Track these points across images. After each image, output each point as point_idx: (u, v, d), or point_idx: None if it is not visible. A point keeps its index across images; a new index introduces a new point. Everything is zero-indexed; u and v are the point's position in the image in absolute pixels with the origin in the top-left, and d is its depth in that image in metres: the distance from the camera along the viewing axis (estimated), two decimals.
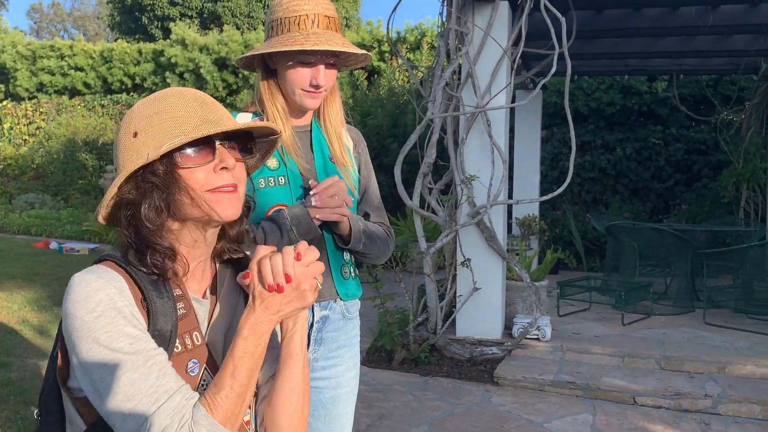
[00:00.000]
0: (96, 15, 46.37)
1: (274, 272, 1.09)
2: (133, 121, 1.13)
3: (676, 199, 9.38)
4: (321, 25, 1.65)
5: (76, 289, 1.05)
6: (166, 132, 1.10)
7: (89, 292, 1.04)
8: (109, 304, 1.04)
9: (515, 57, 4.88)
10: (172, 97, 1.14)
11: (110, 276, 1.07)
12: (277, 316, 1.11)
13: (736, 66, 7.74)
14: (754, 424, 3.81)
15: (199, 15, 20.64)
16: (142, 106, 1.14)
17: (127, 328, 1.04)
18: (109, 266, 1.10)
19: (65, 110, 15.55)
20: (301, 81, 1.69)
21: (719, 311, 5.76)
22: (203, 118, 1.12)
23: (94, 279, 1.06)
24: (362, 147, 1.94)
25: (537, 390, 4.32)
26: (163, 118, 1.11)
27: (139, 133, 1.11)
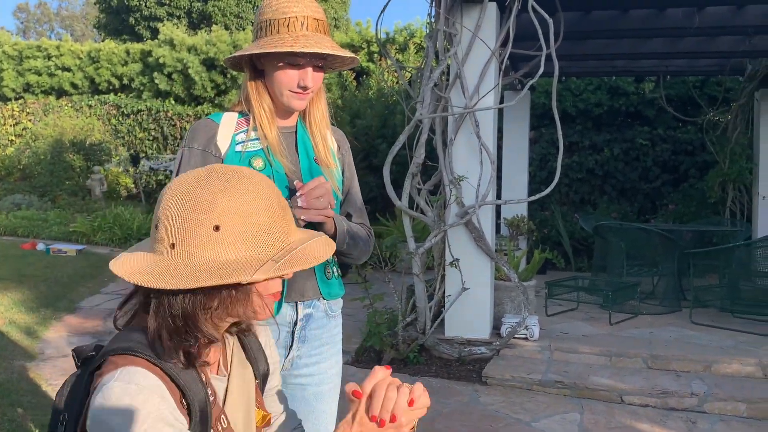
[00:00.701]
0: (83, 15, 46.11)
1: (383, 408, 1.06)
2: (215, 210, 1.04)
3: (663, 199, 9.45)
4: (310, 28, 1.66)
5: (121, 401, 1.00)
6: (253, 242, 1.06)
7: (137, 407, 0.99)
8: (157, 416, 1.00)
9: (503, 58, 4.90)
10: (260, 198, 1.08)
11: (149, 382, 1.03)
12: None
13: (722, 67, 7.81)
14: (740, 422, 3.85)
15: (187, 15, 20.57)
16: (226, 197, 1.05)
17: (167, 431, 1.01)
18: (141, 365, 1.04)
19: (52, 111, 15.45)
20: (289, 82, 1.70)
21: (706, 310, 5.81)
22: (284, 230, 1.10)
23: (136, 390, 1.01)
24: (346, 148, 1.95)
25: (525, 389, 4.34)
26: (251, 221, 1.06)
27: (222, 229, 1.04)
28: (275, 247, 1.08)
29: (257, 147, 1.75)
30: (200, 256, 1.04)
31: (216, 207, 1.05)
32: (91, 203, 12.50)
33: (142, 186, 14.02)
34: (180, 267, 1.04)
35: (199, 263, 1.04)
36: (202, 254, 1.04)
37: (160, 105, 14.77)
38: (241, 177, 1.09)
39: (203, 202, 1.05)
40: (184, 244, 1.05)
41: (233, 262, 1.04)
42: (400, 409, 1.06)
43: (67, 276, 7.33)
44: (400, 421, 1.06)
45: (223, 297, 1.07)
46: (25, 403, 3.84)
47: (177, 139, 14.70)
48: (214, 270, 1.03)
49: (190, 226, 1.05)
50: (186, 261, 1.04)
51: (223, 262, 1.04)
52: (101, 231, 10.02)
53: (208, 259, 1.04)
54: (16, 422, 3.56)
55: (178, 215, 1.05)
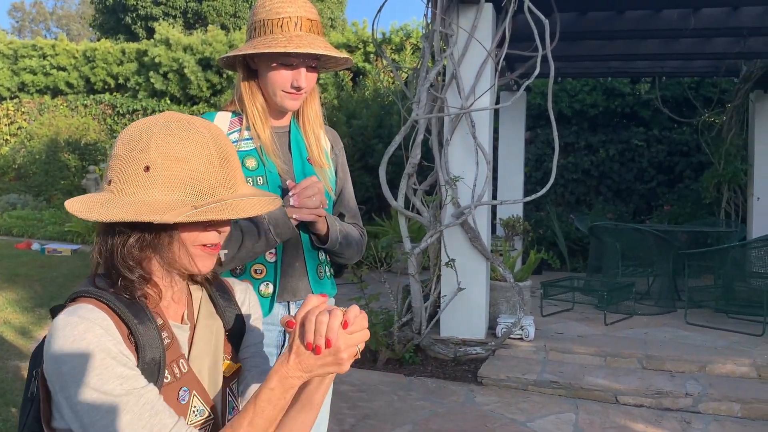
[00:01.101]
0: (79, 14, 46.00)
1: (316, 333, 1.05)
2: (149, 152, 1.07)
3: (659, 200, 9.47)
4: (303, 28, 1.66)
5: (61, 332, 1.01)
6: (180, 187, 1.07)
7: (76, 336, 1.00)
8: (97, 345, 1.00)
9: (499, 59, 4.90)
10: (195, 144, 1.09)
11: (94, 315, 1.04)
12: (308, 374, 1.08)
13: (717, 68, 7.83)
14: (734, 422, 3.86)
15: (183, 15, 20.54)
16: (160, 139, 1.08)
17: (118, 369, 1.01)
18: (91, 303, 1.06)
19: (47, 110, 15.42)
20: (283, 83, 1.70)
21: (700, 311, 5.83)
22: (219, 182, 1.10)
23: (78, 321, 1.02)
24: (339, 149, 1.95)
25: (520, 389, 4.35)
26: (182, 168, 1.07)
27: (152, 170, 1.06)
28: (203, 197, 1.08)
29: (250, 147, 1.75)
30: (129, 194, 1.07)
31: (150, 148, 1.07)
32: None
33: None
34: (108, 202, 1.07)
35: (124, 201, 1.06)
36: (132, 192, 1.07)
37: (156, 104, 14.76)
38: (184, 123, 1.11)
39: (140, 142, 1.08)
40: (118, 181, 1.08)
41: (154, 202, 1.06)
42: (333, 332, 1.04)
43: (62, 276, 7.31)
44: (336, 345, 1.04)
45: (144, 238, 1.09)
46: (19, 403, 3.83)
47: None
48: (133, 207, 1.05)
49: (125, 164, 1.08)
50: (116, 198, 1.07)
51: (145, 202, 1.06)
52: (96, 231, 9.99)
53: (134, 198, 1.06)
54: (11, 422, 3.55)
55: (118, 153, 1.09)
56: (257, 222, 1.65)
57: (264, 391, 1.07)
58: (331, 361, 1.06)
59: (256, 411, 1.06)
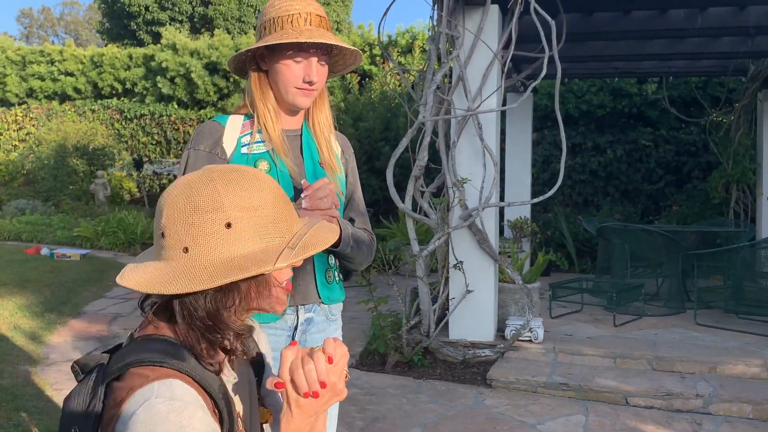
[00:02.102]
0: (87, 20, 46.24)
1: (309, 382, 1.07)
2: (224, 209, 1.05)
3: (667, 200, 9.44)
4: (313, 23, 1.68)
5: (168, 419, 0.97)
6: (266, 231, 1.07)
7: (183, 423, 0.98)
8: (202, 427, 1.00)
9: (506, 60, 4.90)
10: (263, 192, 1.09)
11: (191, 397, 1.02)
12: (314, 416, 1.11)
13: (724, 68, 7.80)
14: (746, 424, 3.84)
15: (189, 19, 20.62)
16: (232, 194, 1.06)
17: None
18: (178, 378, 1.03)
19: (55, 116, 15.49)
20: (294, 78, 1.70)
21: (710, 311, 5.80)
22: (290, 219, 1.12)
23: (182, 407, 0.99)
24: (350, 153, 1.96)
25: (530, 392, 4.34)
26: (261, 214, 1.07)
27: (235, 225, 1.05)
28: (287, 236, 1.09)
29: (262, 149, 1.75)
30: (217, 255, 1.04)
31: (224, 204, 1.05)
32: (94, 208, 12.53)
33: (146, 190, 14.04)
34: (198, 268, 1.04)
35: (217, 261, 1.04)
36: (219, 252, 1.04)
37: (163, 109, 14.82)
38: (240, 173, 1.10)
39: (210, 201, 1.05)
40: (198, 246, 1.04)
41: (252, 254, 1.05)
42: (324, 373, 1.07)
43: (72, 280, 7.34)
44: (331, 382, 1.07)
45: (242, 291, 1.08)
46: (30, 407, 3.85)
47: (180, 143, 14.73)
48: (234, 265, 1.03)
49: (201, 227, 1.04)
50: (203, 262, 1.04)
51: (242, 256, 1.05)
52: (105, 235, 10.04)
53: (225, 256, 1.04)
54: (22, 426, 3.57)
55: (186, 219, 1.05)
56: None
57: None
58: (331, 396, 1.10)
59: None
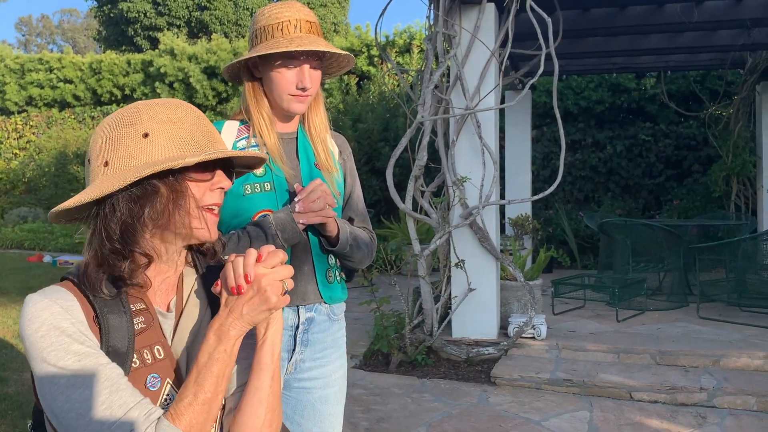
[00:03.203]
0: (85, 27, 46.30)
1: (235, 274, 1.09)
2: (142, 121, 1.10)
3: (668, 194, 9.44)
4: (303, 30, 1.69)
5: (25, 309, 1.05)
6: (183, 143, 1.10)
7: (34, 313, 1.04)
8: (52, 323, 1.03)
9: (503, 58, 4.90)
10: (182, 109, 1.14)
11: (59, 295, 1.07)
12: (242, 320, 1.10)
13: (722, 61, 7.80)
14: (750, 416, 3.84)
15: (186, 24, 20.64)
16: (150, 109, 1.12)
17: (74, 346, 1.02)
18: (65, 286, 1.10)
19: (55, 123, 15.52)
20: (288, 85, 1.72)
21: (713, 305, 5.80)
22: (210, 138, 1.15)
23: (39, 299, 1.06)
24: (347, 153, 1.97)
25: (534, 388, 4.34)
26: (179, 127, 1.11)
27: (152, 135, 1.09)
28: (206, 149, 1.12)
29: None
30: (135, 161, 1.08)
31: (142, 118, 1.10)
32: None
33: None
34: (110, 174, 1.08)
35: (131, 166, 1.08)
36: (137, 159, 1.08)
37: None
38: (163, 98, 1.16)
39: (129, 117, 1.11)
40: (117, 157, 1.09)
41: (166, 159, 1.08)
42: (249, 266, 1.08)
43: None
44: (257, 280, 1.08)
45: (158, 199, 1.09)
46: None
47: None
48: (146, 167, 1.06)
49: (119, 140, 1.09)
50: (121, 169, 1.08)
51: (158, 160, 1.07)
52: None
53: (143, 161, 1.08)
54: None
55: (107, 135, 1.10)
56: (265, 228, 1.67)
57: (202, 347, 1.09)
58: (258, 301, 1.09)
59: (199, 369, 1.08)
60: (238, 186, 1.72)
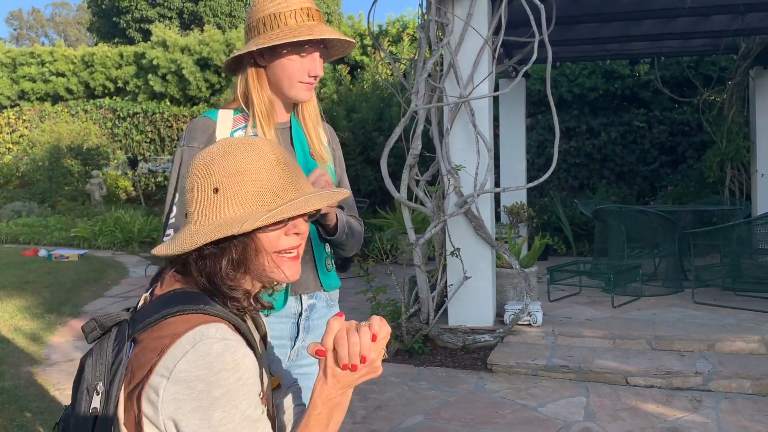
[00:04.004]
0: (77, 21, 46.02)
1: (350, 355, 1.09)
2: (213, 175, 1.11)
3: (662, 181, 9.45)
4: (315, 18, 1.72)
5: (220, 358, 1.03)
6: (251, 199, 1.11)
7: (237, 361, 1.04)
8: (253, 371, 1.06)
9: (496, 46, 4.89)
10: (255, 154, 1.13)
11: (238, 338, 1.09)
12: (348, 388, 1.14)
13: (716, 46, 7.80)
14: (745, 399, 3.87)
15: (179, 15, 20.52)
16: (222, 160, 1.12)
17: (254, 394, 1.07)
18: (225, 324, 1.10)
19: (48, 117, 15.44)
20: (299, 73, 1.73)
21: (708, 290, 5.83)
22: (285, 185, 1.14)
23: (236, 346, 1.06)
24: (336, 143, 1.99)
25: (530, 375, 4.36)
26: (246, 180, 1.11)
27: (221, 191, 1.10)
28: (274, 202, 1.12)
29: None
30: (207, 218, 1.11)
31: (213, 171, 1.11)
32: (91, 208, 12.51)
33: (142, 188, 14.03)
34: (188, 233, 1.12)
35: (203, 225, 1.11)
36: (208, 216, 1.11)
37: (156, 107, 14.77)
38: (240, 142, 1.15)
39: (202, 168, 1.13)
40: (193, 212, 1.13)
41: (230, 218, 1.10)
42: (367, 348, 1.09)
43: (71, 281, 7.34)
44: (370, 359, 1.10)
45: (232, 257, 1.12)
46: (33, 408, 3.86)
47: (174, 140, 14.70)
48: (214, 228, 1.09)
49: (194, 193, 1.13)
50: (196, 227, 1.12)
51: (223, 220, 1.10)
52: (102, 235, 10.04)
53: (211, 219, 1.11)
54: (26, 427, 3.58)
55: (185, 187, 1.15)
56: None
57: (312, 416, 1.13)
58: (367, 372, 1.13)
59: None
60: None
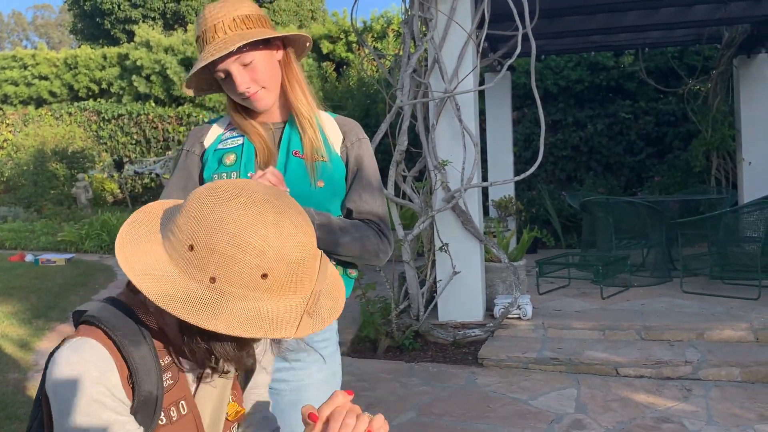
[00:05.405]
0: (59, 23, 45.65)
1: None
2: (266, 257, 0.98)
3: (649, 171, 9.49)
4: (229, 31, 1.60)
5: (60, 368, 1.01)
6: (296, 293, 1.03)
7: (72, 375, 1.00)
8: (89, 390, 1.00)
9: (480, 40, 4.89)
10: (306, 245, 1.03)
11: (96, 356, 1.02)
12: None
13: (699, 36, 7.83)
14: (735, 387, 3.88)
15: (162, 16, 20.38)
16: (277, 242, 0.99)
17: (105, 414, 1.01)
18: (96, 337, 1.04)
19: (32, 120, 15.31)
20: (232, 92, 1.67)
21: (696, 279, 5.85)
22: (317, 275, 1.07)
23: (78, 362, 1.01)
24: (352, 141, 1.82)
25: (521, 368, 4.37)
26: (297, 272, 1.02)
27: (270, 277, 0.99)
28: (306, 292, 1.04)
29: (238, 143, 1.72)
30: (242, 301, 0.99)
31: (268, 254, 0.98)
32: (77, 211, 12.40)
33: (128, 191, 13.93)
34: (221, 308, 0.98)
35: (241, 309, 0.99)
36: (244, 299, 0.99)
37: (141, 108, 14.67)
38: (290, 215, 1.02)
39: (256, 246, 0.98)
40: (228, 284, 0.98)
41: (274, 313, 1.00)
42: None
43: (58, 286, 7.28)
44: None
45: (241, 342, 1.06)
46: (21, 415, 3.82)
47: (159, 141, 14.60)
48: (255, 321, 0.98)
49: (239, 267, 0.98)
50: (228, 304, 0.98)
51: (265, 313, 1.00)
52: (89, 238, 9.95)
53: (250, 306, 0.99)
54: None
55: (226, 250, 0.98)
56: None
57: None
58: None
59: None
60: (209, 176, 1.69)
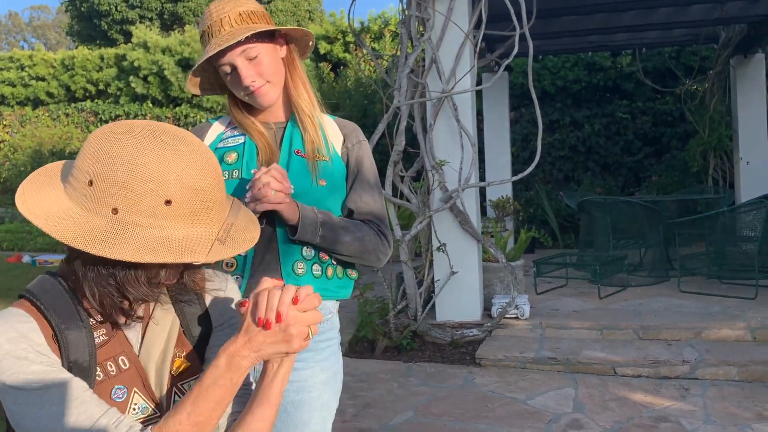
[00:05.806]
0: (56, 24, 45.61)
1: (267, 307, 1.05)
2: (168, 184, 1.00)
3: (646, 171, 9.50)
4: (234, 24, 1.62)
5: None
6: (203, 220, 1.05)
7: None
8: (8, 349, 1.02)
9: (477, 40, 4.89)
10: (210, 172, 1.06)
11: (16, 318, 1.05)
12: (257, 354, 1.07)
13: (696, 36, 7.84)
14: (732, 386, 3.89)
15: (159, 17, 20.38)
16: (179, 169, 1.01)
17: (32, 367, 1.02)
18: (21, 306, 1.08)
19: (29, 122, 15.29)
20: (236, 87, 1.68)
21: (693, 278, 5.86)
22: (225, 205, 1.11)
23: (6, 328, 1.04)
24: (354, 142, 1.82)
25: (519, 368, 4.37)
26: (202, 200, 1.04)
27: (174, 204, 1.01)
28: (217, 224, 1.07)
29: (239, 141, 1.72)
30: (148, 229, 1.00)
31: (169, 180, 1.00)
32: None
33: None
34: (126, 237, 1.00)
35: (148, 236, 1.00)
36: (150, 227, 1.00)
37: (138, 109, 14.65)
38: (190, 147, 1.05)
39: (155, 173, 1.00)
40: (131, 213, 1.00)
41: (184, 239, 1.02)
42: (284, 305, 1.04)
43: None
44: (286, 320, 1.04)
45: (151, 271, 1.06)
46: None
47: None
48: (166, 246, 1.00)
49: (139, 196, 0.99)
50: (133, 232, 1.00)
51: (174, 239, 1.02)
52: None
53: (157, 233, 1.01)
54: None
55: (125, 180, 0.99)
56: None
57: (210, 370, 1.06)
58: (281, 338, 1.06)
59: (200, 390, 1.06)
60: None
